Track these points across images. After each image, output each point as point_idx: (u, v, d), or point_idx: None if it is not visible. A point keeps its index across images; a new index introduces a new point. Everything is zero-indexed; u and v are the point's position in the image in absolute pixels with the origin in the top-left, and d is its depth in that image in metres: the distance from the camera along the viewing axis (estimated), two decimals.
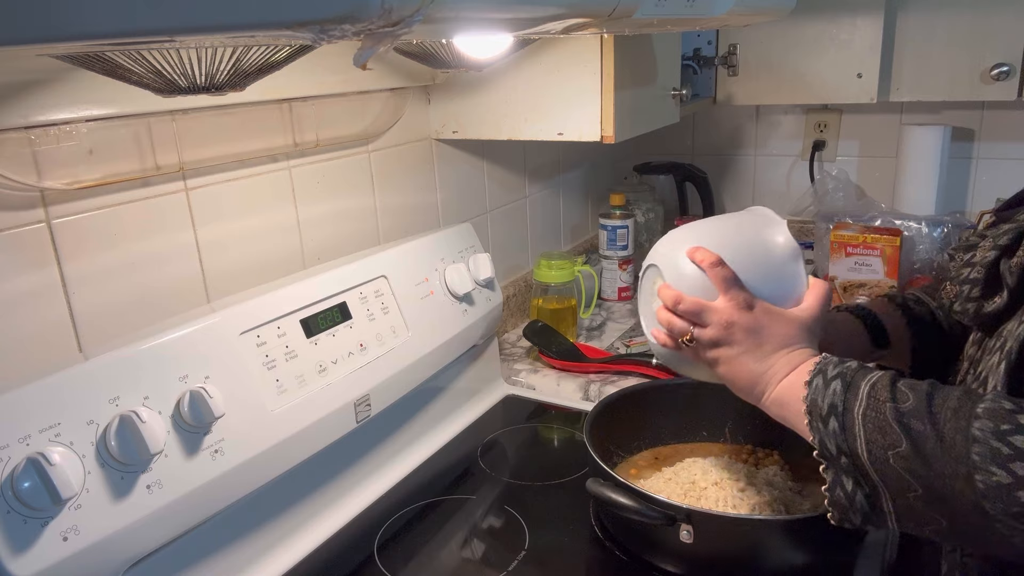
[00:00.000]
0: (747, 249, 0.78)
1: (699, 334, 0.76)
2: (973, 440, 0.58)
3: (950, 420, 0.60)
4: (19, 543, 0.63)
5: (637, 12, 0.67)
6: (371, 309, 1.00)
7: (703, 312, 0.75)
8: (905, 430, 0.61)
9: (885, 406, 0.63)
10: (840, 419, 0.65)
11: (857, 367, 0.68)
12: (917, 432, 0.61)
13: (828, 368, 0.69)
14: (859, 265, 1.65)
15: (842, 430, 0.65)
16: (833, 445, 0.65)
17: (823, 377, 0.68)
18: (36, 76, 0.73)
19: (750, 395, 0.75)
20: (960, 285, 0.76)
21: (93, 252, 0.82)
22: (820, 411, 0.67)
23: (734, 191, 2.11)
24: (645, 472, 0.99)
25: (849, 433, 0.64)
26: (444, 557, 0.90)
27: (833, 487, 0.67)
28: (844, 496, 0.66)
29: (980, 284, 0.73)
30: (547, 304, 1.46)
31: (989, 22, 1.47)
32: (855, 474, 0.65)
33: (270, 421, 0.83)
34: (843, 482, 0.66)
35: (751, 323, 0.74)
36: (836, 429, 0.65)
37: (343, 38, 0.41)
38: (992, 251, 0.73)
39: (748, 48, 1.69)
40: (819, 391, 0.67)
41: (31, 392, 0.66)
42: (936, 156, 1.73)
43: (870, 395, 0.65)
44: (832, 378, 0.68)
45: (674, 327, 0.78)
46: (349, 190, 1.15)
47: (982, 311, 0.73)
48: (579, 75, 1.16)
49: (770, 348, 0.73)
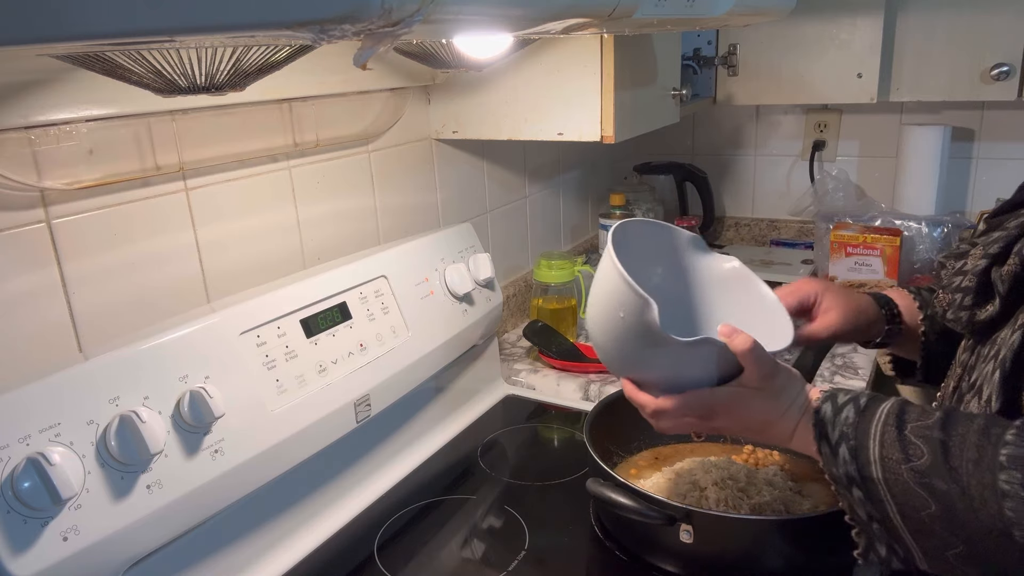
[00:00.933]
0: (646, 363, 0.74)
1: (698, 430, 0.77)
2: (1003, 495, 0.56)
3: (973, 474, 0.58)
4: (19, 543, 0.63)
5: (637, 12, 0.67)
6: (371, 309, 1.00)
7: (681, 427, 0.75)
8: (929, 491, 0.59)
9: (901, 468, 0.61)
10: (862, 488, 0.63)
11: (855, 420, 0.65)
12: (942, 492, 0.59)
13: (828, 431, 0.66)
14: (859, 265, 1.65)
15: (867, 499, 0.63)
16: (863, 512, 0.63)
17: (828, 444, 0.66)
18: (36, 76, 0.73)
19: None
20: (952, 294, 0.75)
21: (93, 252, 0.82)
22: (841, 481, 0.64)
23: (734, 191, 2.11)
24: (645, 472, 0.99)
25: (875, 501, 0.62)
26: (444, 557, 0.90)
27: (866, 552, 0.65)
28: (879, 559, 0.64)
29: (972, 292, 0.72)
30: (547, 304, 1.46)
31: (989, 22, 1.47)
32: (888, 540, 0.63)
33: (270, 421, 0.83)
34: (876, 548, 0.64)
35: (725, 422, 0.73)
36: (861, 497, 0.63)
37: (343, 38, 0.41)
38: (983, 259, 0.72)
39: (748, 48, 1.69)
40: (830, 460, 0.65)
41: (31, 392, 0.66)
42: (936, 156, 1.73)
43: (883, 456, 0.62)
44: (837, 444, 0.65)
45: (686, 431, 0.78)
46: (349, 190, 1.15)
47: (975, 319, 0.72)
48: (579, 75, 1.16)
49: (757, 428, 0.73)
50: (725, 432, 0.75)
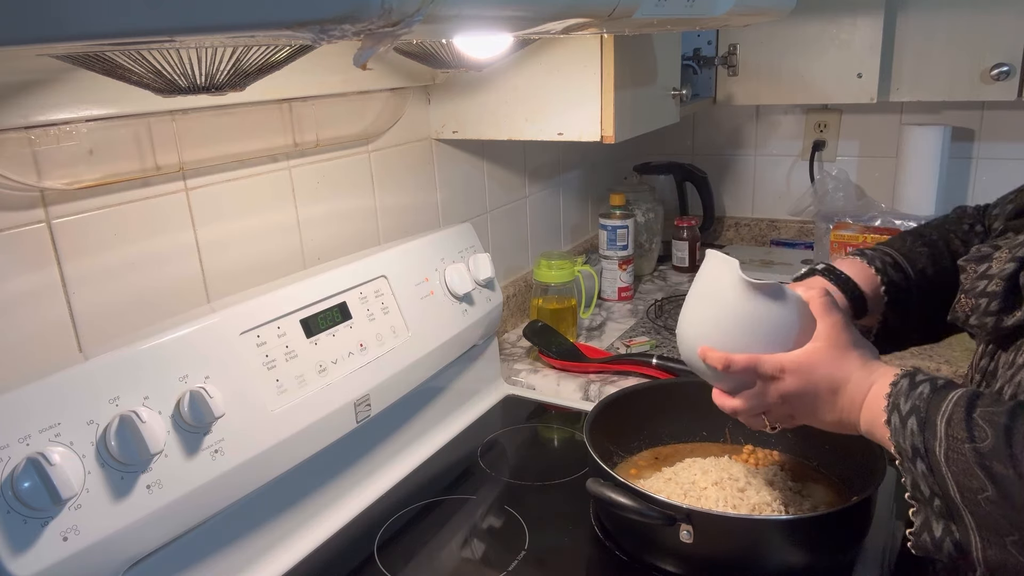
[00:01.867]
0: (731, 321, 0.75)
1: (771, 420, 0.76)
2: None
3: None
4: (19, 543, 0.63)
5: (637, 12, 0.67)
6: (371, 309, 1.00)
7: (757, 404, 0.75)
8: (988, 474, 0.58)
9: (964, 447, 0.60)
10: (926, 461, 0.62)
11: (929, 395, 0.64)
12: (1000, 475, 0.58)
13: (900, 402, 0.65)
14: None
15: (931, 472, 0.62)
16: (926, 487, 0.63)
17: (899, 415, 0.65)
18: (36, 76, 0.73)
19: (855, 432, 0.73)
20: (976, 298, 0.73)
21: (93, 252, 0.82)
22: (907, 453, 0.64)
23: (734, 191, 2.11)
24: (645, 472, 0.99)
25: (938, 475, 0.61)
26: (444, 557, 0.90)
27: (921, 531, 0.64)
28: (931, 541, 0.63)
29: (999, 297, 0.70)
30: (547, 304, 1.46)
31: (989, 22, 1.47)
32: (947, 518, 0.62)
33: (270, 421, 0.83)
34: (932, 526, 0.63)
35: (795, 386, 0.72)
36: (925, 471, 0.62)
37: (343, 38, 0.41)
38: (1011, 263, 0.70)
39: (748, 48, 1.70)
40: (899, 432, 0.64)
41: (31, 392, 0.66)
42: (936, 156, 1.73)
43: (948, 434, 0.61)
44: (907, 415, 0.64)
45: (753, 425, 0.78)
46: (349, 190, 1.15)
47: (1001, 325, 0.70)
48: (579, 75, 1.16)
49: (826, 396, 0.71)
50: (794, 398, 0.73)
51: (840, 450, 0.95)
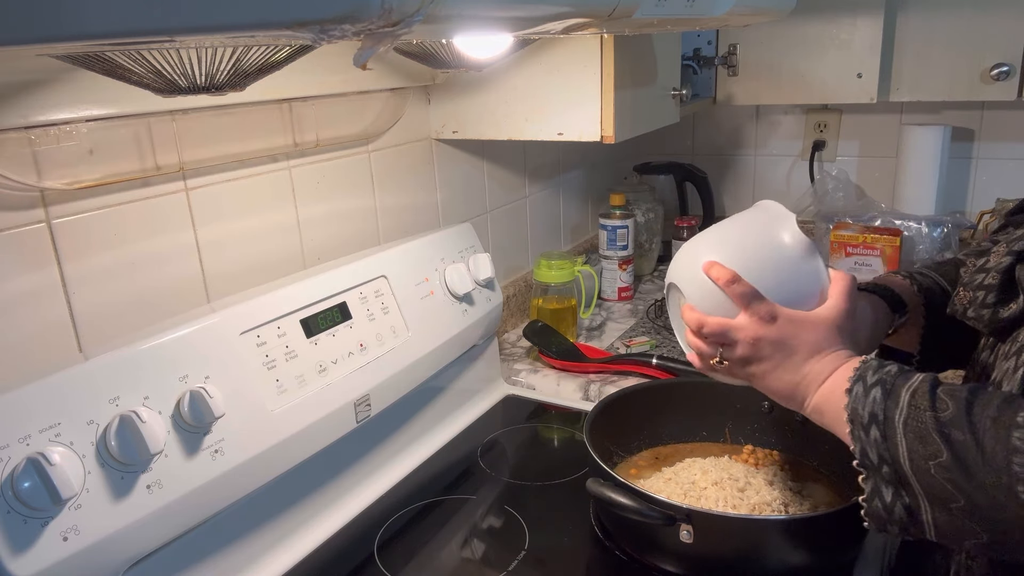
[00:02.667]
0: (759, 254, 0.76)
1: (727, 355, 0.75)
2: (1014, 451, 0.57)
3: (989, 429, 0.59)
4: (19, 543, 0.63)
5: (637, 12, 0.67)
6: (371, 309, 1.00)
7: (727, 332, 0.74)
8: (945, 440, 0.60)
9: (925, 415, 0.62)
10: (881, 428, 0.64)
11: (897, 372, 0.67)
12: (957, 442, 0.60)
13: (867, 374, 0.68)
14: (859, 265, 1.65)
15: (884, 439, 0.64)
16: (875, 454, 0.64)
17: (863, 384, 0.67)
18: (36, 76, 0.73)
19: (791, 404, 0.74)
20: (974, 291, 0.74)
21: (93, 252, 0.82)
22: (861, 419, 0.65)
23: (734, 191, 2.11)
24: (645, 472, 1.00)
25: (891, 442, 0.63)
26: (444, 557, 0.91)
27: (872, 497, 0.66)
28: (883, 507, 0.65)
29: (995, 290, 0.71)
30: (547, 304, 1.46)
31: (989, 22, 1.47)
32: (896, 484, 0.64)
33: (270, 421, 0.83)
34: (882, 492, 0.65)
35: (777, 336, 0.73)
36: (878, 438, 0.64)
37: (343, 38, 0.41)
38: (1007, 256, 0.71)
39: (748, 48, 1.70)
40: (859, 399, 0.66)
41: (31, 392, 0.66)
42: (936, 156, 1.73)
43: (911, 403, 0.63)
44: (872, 385, 0.66)
45: (703, 351, 0.77)
46: (349, 190, 1.15)
47: (997, 317, 0.71)
48: (579, 75, 1.16)
49: (801, 357, 0.72)
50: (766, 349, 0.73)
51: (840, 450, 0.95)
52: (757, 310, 0.73)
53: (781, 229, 0.78)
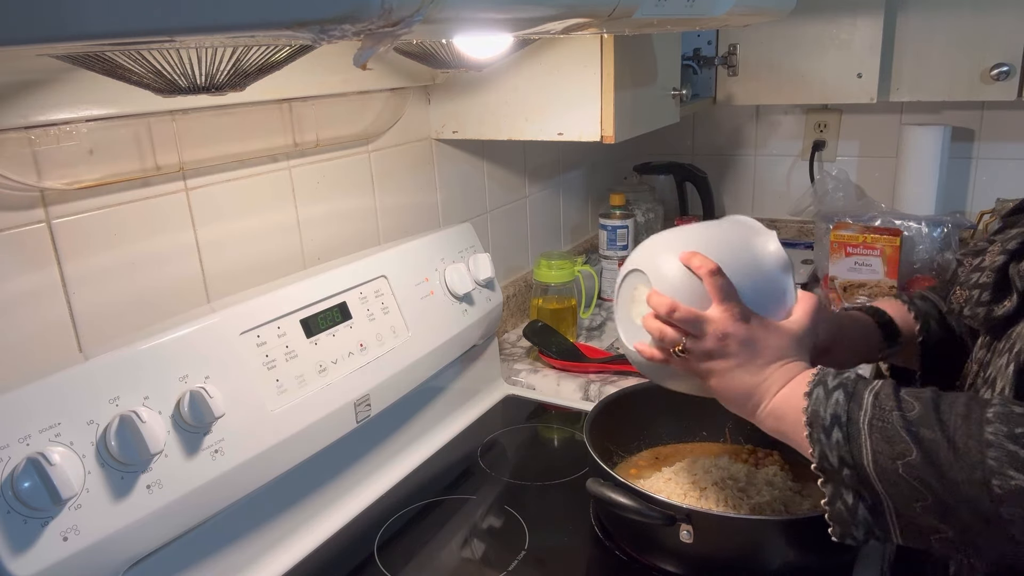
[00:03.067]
0: (738, 259, 0.77)
1: (692, 345, 0.73)
2: (987, 444, 0.58)
3: (961, 426, 0.59)
4: (19, 543, 0.63)
5: (637, 12, 0.67)
6: (371, 309, 1.00)
7: (698, 322, 0.73)
8: (915, 439, 0.61)
9: (892, 415, 0.62)
10: (844, 429, 0.64)
11: (856, 377, 0.68)
12: (928, 440, 0.60)
13: (827, 379, 0.68)
14: (859, 265, 1.65)
15: (847, 440, 0.64)
16: (835, 457, 0.64)
17: (823, 388, 0.67)
18: (36, 76, 0.73)
19: (743, 408, 0.74)
20: (970, 290, 0.76)
21: (93, 252, 0.82)
22: (822, 422, 0.65)
23: (734, 191, 2.11)
24: (645, 472, 0.99)
25: (854, 443, 0.63)
26: (444, 557, 0.90)
27: (833, 500, 0.66)
28: (845, 509, 0.65)
29: (990, 288, 0.73)
30: (547, 304, 1.46)
31: (989, 22, 1.47)
32: (857, 486, 0.64)
33: (270, 421, 0.83)
34: (843, 495, 0.65)
35: (747, 335, 0.72)
36: (840, 440, 0.64)
37: (343, 38, 0.41)
38: (1001, 255, 0.72)
39: (748, 48, 1.69)
40: (820, 402, 0.66)
41: (31, 392, 0.66)
42: (936, 156, 1.73)
43: (875, 404, 0.64)
44: (833, 388, 0.67)
45: (666, 337, 0.75)
46: (349, 190, 1.15)
47: (992, 315, 0.72)
48: (579, 75, 1.16)
49: (764, 361, 0.72)
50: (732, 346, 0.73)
51: None
52: (731, 307, 0.73)
53: (766, 240, 0.79)
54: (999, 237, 0.76)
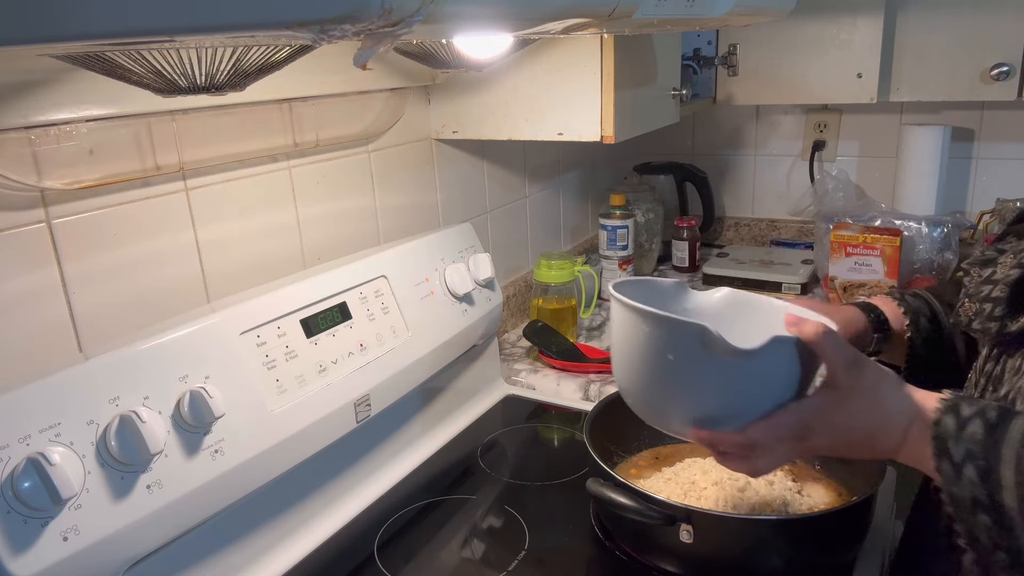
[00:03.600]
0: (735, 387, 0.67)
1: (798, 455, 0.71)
2: None
3: None
4: (19, 543, 0.63)
5: (637, 12, 0.67)
6: (371, 309, 1.00)
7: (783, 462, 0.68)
8: None
9: None
10: (991, 514, 0.58)
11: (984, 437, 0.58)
12: None
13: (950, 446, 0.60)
14: (859, 265, 1.65)
15: (997, 525, 0.58)
16: (987, 539, 0.58)
17: (950, 462, 0.60)
18: (36, 76, 0.73)
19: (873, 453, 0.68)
20: (980, 303, 0.73)
21: (93, 252, 0.82)
22: (964, 504, 0.59)
23: (734, 191, 2.11)
24: (645, 472, 0.99)
25: (1006, 528, 0.57)
26: (444, 557, 0.91)
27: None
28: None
29: (1003, 303, 0.70)
30: (547, 304, 1.46)
31: (989, 22, 1.47)
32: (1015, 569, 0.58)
33: (270, 421, 0.83)
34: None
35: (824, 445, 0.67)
36: (988, 524, 0.58)
37: (343, 38, 0.41)
38: (1015, 269, 0.70)
39: (748, 48, 1.69)
40: (952, 481, 0.59)
41: (31, 392, 0.66)
42: (936, 156, 1.73)
43: (1019, 482, 0.56)
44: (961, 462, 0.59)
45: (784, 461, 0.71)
46: (349, 190, 1.15)
47: (1006, 330, 0.70)
48: (579, 75, 1.16)
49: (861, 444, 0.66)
50: (827, 451, 0.68)
51: None
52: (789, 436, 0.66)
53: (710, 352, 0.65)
54: (1010, 247, 0.73)
